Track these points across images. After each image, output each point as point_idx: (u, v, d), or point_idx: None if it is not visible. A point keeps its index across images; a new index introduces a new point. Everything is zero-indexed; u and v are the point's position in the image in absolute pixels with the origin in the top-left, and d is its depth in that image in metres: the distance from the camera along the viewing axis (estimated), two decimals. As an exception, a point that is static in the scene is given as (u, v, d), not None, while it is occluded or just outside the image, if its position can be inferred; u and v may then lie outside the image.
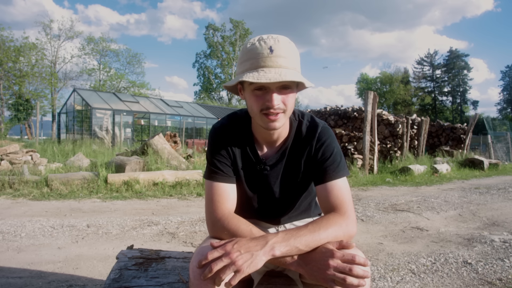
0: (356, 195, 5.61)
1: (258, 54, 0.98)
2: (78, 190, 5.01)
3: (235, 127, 1.18)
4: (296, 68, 1.02)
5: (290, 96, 1.03)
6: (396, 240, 3.12)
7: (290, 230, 0.96)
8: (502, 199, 5.36)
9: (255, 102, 1.02)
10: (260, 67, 0.98)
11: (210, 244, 0.93)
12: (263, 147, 1.18)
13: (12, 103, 24.43)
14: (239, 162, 1.17)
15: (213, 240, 0.95)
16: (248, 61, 1.00)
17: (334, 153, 1.14)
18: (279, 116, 1.03)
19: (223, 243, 0.91)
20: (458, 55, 48.96)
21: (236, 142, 1.16)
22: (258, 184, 1.19)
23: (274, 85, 0.99)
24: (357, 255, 0.87)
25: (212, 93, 44.13)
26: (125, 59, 32.98)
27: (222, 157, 1.14)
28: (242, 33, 41.27)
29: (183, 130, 17.06)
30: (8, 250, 2.63)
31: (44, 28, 27.74)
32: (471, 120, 12.67)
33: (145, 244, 2.84)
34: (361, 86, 50.86)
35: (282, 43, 1.00)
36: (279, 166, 1.18)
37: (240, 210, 1.17)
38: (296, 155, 1.17)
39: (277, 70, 0.97)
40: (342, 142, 9.19)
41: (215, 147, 1.16)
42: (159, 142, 6.73)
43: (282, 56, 0.98)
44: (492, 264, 2.49)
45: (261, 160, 1.17)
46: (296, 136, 1.18)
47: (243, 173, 1.18)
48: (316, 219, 1.03)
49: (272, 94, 0.99)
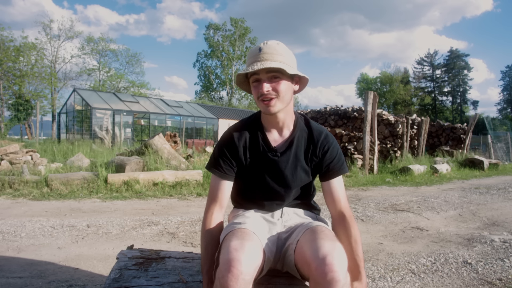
0: (356, 195, 5.61)
1: (252, 54, 1.26)
2: (78, 190, 5.01)
3: (247, 124, 1.38)
4: (284, 61, 1.23)
5: (281, 83, 1.23)
6: (396, 240, 3.12)
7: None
8: (502, 199, 5.36)
9: (254, 92, 1.27)
10: (251, 64, 1.23)
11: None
12: (274, 137, 1.36)
13: (12, 103, 24.39)
14: (252, 152, 1.35)
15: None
16: (247, 62, 1.28)
17: (339, 153, 1.37)
18: (273, 101, 1.24)
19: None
20: (458, 55, 48.94)
21: (249, 135, 1.36)
22: (270, 169, 1.35)
23: (264, 75, 1.22)
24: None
25: (212, 93, 44.10)
26: (124, 59, 32.98)
27: (225, 155, 1.34)
28: (242, 32, 41.19)
29: (183, 130, 17.07)
30: (8, 250, 2.63)
31: (44, 28, 27.73)
32: (471, 120, 12.66)
33: (145, 244, 2.83)
34: (361, 86, 50.84)
35: (270, 44, 1.25)
36: (288, 153, 1.34)
37: (251, 191, 1.39)
38: (303, 145, 1.36)
39: (262, 62, 1.21)
40: (342, 142, 9.18)
41: (222, 146, 1.35)
42: (159, 142, 6.73)
43: (268, 53, 1.22)
44: (492, 264, 2.49)
45: (273, 148, 1.34)
46: (303, 129, 1.38)
47: (256, 161, 1.35)
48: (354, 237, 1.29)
49: (263, 83, 1.22)
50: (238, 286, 1.01)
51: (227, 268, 1.03)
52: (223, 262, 1.05)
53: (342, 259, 1.06)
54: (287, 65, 1.22)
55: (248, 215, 1.35)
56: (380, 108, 23.28)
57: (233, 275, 1.01)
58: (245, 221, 1.28)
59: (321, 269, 1.03)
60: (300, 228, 1.27)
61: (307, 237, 1.17)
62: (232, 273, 1.02)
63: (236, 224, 1.26)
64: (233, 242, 1.09)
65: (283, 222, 1.37)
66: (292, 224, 1.35)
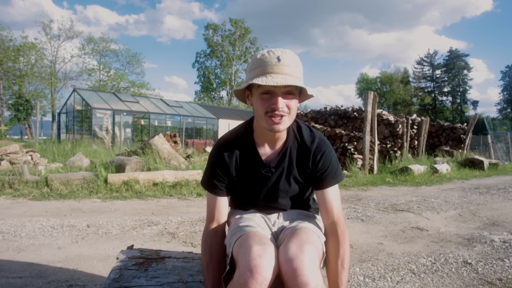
0: (356, 195, 5.61)
1: (267, 62, 1.13)
2: (78, 190, 5.01)
3: (237, 138, 1.32)
4: (299, 77, 1.17)
5: (293, 101, 1.17)
6: (396, 240, 3.12)
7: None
8: (502, 199, 5.36)
9: (262, 105, 1.16)
10: (268, 73, 1.12)
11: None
12: (265, 151, 1.31)
13: (12, 103, 24.39)
14: (244, 168, 1.31)
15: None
16: (257, 68, 1.15)
17: (332, 162, 1.30)
18: (283, 119, 1.16)
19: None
20: (458, 55, 48.93)
21: (239, 152, 1.30)
22: (264, 185, 1.32)
23: (280, 89, 1.13)
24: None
25: (212, 93, 44.06)
26: (125, 59, 32.98)
27: (217, 174, 1.30)
28: (242, 32, 41.15)
29: (183, 130, 17.06)
30: (8, 250, 2.63)
31: (44, 28, 27.73)
32: (471, 120, 12.66)
33: (145, 244, 2.83)
34: (361, 86, 50.82)
35: (288, 54, 1.15)
36: (281, 167, 1.30)
37: (246, 204, 1.38)
38: (295, 156, 1.31)
39: (283, 76, 1.11)
40: (342, 142, 9.17)
41: (213, 165, 1.31)
42: (159, 142, 6.72)
43: (288, 65, 1.13)
44: (492, 264, 2.49)
45: (265, 164, 1.30)
46: (296, 138, 1.32)
47: (248, 177, 1.31)
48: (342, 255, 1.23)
49: (277, 97, 1.13)
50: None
51: (252, 275, 1.02)
52: (246, 267, 1.03)
53: (310, 262, 1.05)
54: (304, 84, 1.17)
55: (251, 217, 1.34)
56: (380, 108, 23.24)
57: (257, 282, 1.01)
58: (253, 224, 1.27)
59: (290, 273, 1.03)
60: (286, 230, 1.27)
61: (285, 240, 1.17)
62: (256, 280, 1.01)
63: (246, 227, 1.24)
64: (255, 248, 1.08)
65: (277, 225, 1.37)
66: (286, 224, 1.35)
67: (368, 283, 2.15)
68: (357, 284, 2.14)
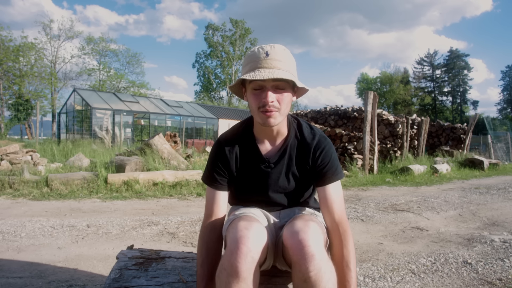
0: (356, 195, 5.61)
1: (256, 58, 1.15)
2: (78, 190, 5.01)
3: (238, 134, 1.32)
4: (290, 71, 1.16)
5: (284, 95, 1.16)
6: (396, 240, 3.12)
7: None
8: (502, 199, 5.36)
9: (254, 100, 1.17)
10: (257, 68, 1.13)
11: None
12: (266, 147, 1.31)
13: (12, 103, 24.39)
14: (244, 164, 1.31)
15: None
16: (248, 64, 1.17)
17: (332, 158, 1.29)
18: (274, 114, 1.16)
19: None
20: (458, 55, 48.92)
21: (240, 147, 1.31)
22: (264, 181, 1.31)
23: (269, 83, 1.13)
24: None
25: (212, 93, 44.06)
26: (125, 59, 33.00)
27: (218, 167, 1.30)
28: (242, 32, 41.16)
29: (183, 130, 17.05)
30: (8, 250, 2.63)
31: (44, 28, 27.75)
32: (471, 120, 12.66)
33: (145, 244, 2.83)
34: (361, 86, 50.81)
35: (277, 49, 1.16)
36: (281, 163, 1.30)
37: (246, 201, 1.37)
38: (295, 153, 1.30)
39: (270, 70, 1.11)
40: (342, 142, 9.17)
41: (214, 159, 1.31)
42: (159, 142, 6.73)
43: (277, 59, 1.13)
44: (492, 264, 2.49)
45: (265, 159, 1.30)
46: (296, 135, 1.31)
47: (249, 172, 1.31)
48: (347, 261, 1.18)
49: (267, 91, 1.13)
50: (246, 263, 1.00)
51: (236, 245, 1.01)
52: (232, 240, 1.03)
53: (315, 235, 1.04)
54: (295, 77, 1.17)
55: (249, 209, 1.35)
56: (380, 108, 23.26)
57: (242, 252, 1.00)
58: (248, 212, 1.29)
59: (295, 246, 1.02)
60: (290, 219, 1.26)
61: (289, 224, 1.16)
62: (241, 250, 1.00)
63: (240, 214, 1.26)
64: (241, 222, 1.09)
65: (278, 220, 1.37)
66: (286, 220, 1.34)
67: (368, 283, 2.15)
68: (357, 284, 2.14)
